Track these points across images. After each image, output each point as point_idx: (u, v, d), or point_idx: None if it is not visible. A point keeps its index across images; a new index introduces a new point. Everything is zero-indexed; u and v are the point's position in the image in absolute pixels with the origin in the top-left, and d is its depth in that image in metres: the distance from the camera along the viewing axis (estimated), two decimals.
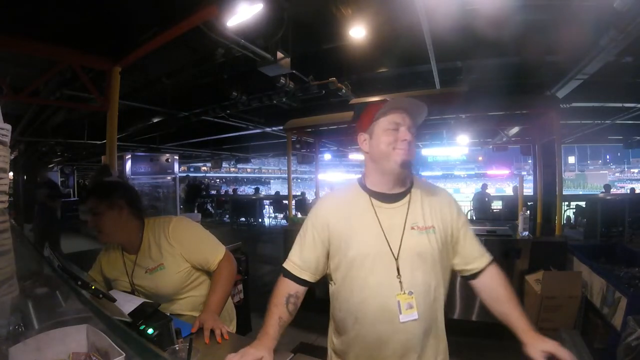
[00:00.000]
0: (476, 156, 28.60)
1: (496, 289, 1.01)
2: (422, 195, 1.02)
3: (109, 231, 1.24)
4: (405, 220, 0.97)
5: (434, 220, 0.99)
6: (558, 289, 2.20)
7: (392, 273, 0.93)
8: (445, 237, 1.00)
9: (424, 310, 0.94)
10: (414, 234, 0.96)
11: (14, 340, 0.64)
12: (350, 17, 2.62)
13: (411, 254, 0.95)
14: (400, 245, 0.95)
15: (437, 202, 1.03)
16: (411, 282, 0.94)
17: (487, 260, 1.03)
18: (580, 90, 3.58)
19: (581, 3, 2.37)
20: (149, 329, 0.91)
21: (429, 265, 0.96)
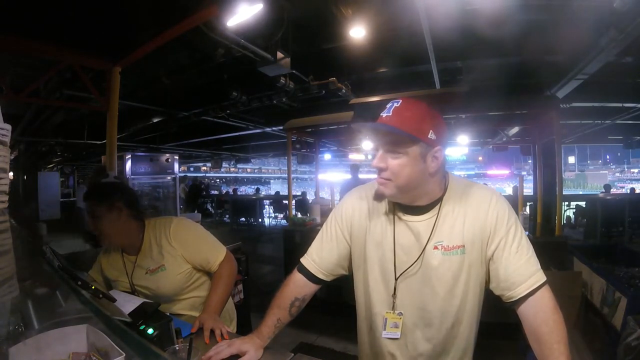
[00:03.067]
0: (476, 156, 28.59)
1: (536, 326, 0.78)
2: (455, 206, 0.85)
3: (109, 233, 1.23)
4: (428, 237, 0.84)
5: (465, 236, 0.83)
6: (558, 289, 2.18)
7: (390, 291, 0.88)
8: (479, 258, 0.84)
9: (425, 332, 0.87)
10: (435, 256, 0.84)
11: (14, 340, 0.64)
12: (350, 17, 2.62)
13: (421, 276, 0.85)
14: (412, 265, 0.85)
15: (473, 213, 0.84)
16: (405, 304, 0.87)
17: (529, 287, 0.79)
18: (580, 90, 3.58)
19: (581, 3, 2.37)
20: (149, 329, 0.91)
21: (447, 290, 0.84)
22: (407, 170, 0.80)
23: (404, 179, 0.81)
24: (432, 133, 0.79)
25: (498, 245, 0.82)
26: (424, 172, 0.82)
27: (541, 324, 0.78)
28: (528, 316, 0.80)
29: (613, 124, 5.61)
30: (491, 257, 0.83)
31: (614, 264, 2.32)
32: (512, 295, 0.80)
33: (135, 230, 1.29)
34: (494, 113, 3.58)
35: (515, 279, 0.80)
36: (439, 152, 0.82)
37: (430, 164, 0.81)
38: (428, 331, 0.88)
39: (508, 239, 0.82)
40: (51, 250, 1.13)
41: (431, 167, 0.82)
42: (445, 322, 0.86)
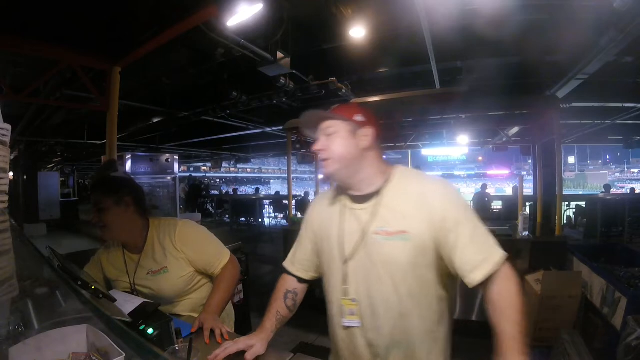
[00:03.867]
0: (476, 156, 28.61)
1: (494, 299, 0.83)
2: (399, 193, 0.89)
3: (113, 228, 1.21)
4: (368, 223, 0.88)
5: (410, 222, 0.85)
6: (558, 289, 2.20)
7: (341, 278, 0.91)
8: (426, 244, 0.85)
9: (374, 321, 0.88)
10: (377, 240, 0.86)
11: (14, 340, 0.64)
12: (350, 17, 2.62)
13: (367, 262, 0.88)
14: (356, 252, 0.89)
15: (420, 200, 0.86)
16: (358, 290, 0.89)
17: (486, 271, 0.82)
18: (580, 90, 3.58)
19: (581, 3, 2.37)
20: (149, 329, 0.91)
21: (396, 275, 0.85)
22: (341, 145, 0.90)
23: (338, 153, 0.90)
24: (360, 116, 0.92)
25: (450, 233, 0.83)
26: (356, 147, 0.91)
27: (497, 297, 0.82)
28: (487, 293, 0.84)
29: (613, 124, 5.62)
30: (445, 246, 0.84)
31: (614, 264, 2.31)
32: (472, 281, 0.83)
33: (139, 228, 1.28)
34: (494, 113, 3.58)
35: (471, 265, 0.83)
36: (369, 131, 0.92)
37: (361, 140, 0.91)
38: (377, 320, 0.88)
39: (459, 226, 0.84)
40: (51, 250, 1.13)
41: (362, 144, 0.91)
42: (391, 310, 0.87)
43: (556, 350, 2.04)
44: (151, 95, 4.59)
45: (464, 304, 2.76)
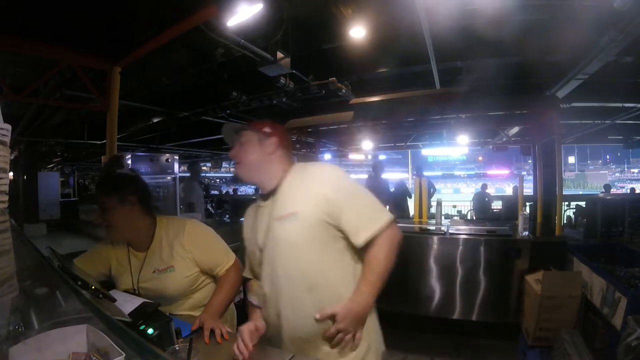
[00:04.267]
0: (476, 156, 28.61)
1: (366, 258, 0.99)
2: (292, 184, 1.03)
3: (118, 227, 1.20)
4: (271, 214, 1.02)
5: (299, 204, 0.97)
6: (558, 289, 2.20)
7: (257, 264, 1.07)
8: (317, 220, 0.95)
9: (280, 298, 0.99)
10: (277, 225, 0.99)
11: (14, 340, 0.64)
12: (350, 17, 2.62)
13: (272, 245, 1.00)
14: (266, 239, 1.02)
15: (308, 184, 1.00)
16: (268, 271, 1.02)
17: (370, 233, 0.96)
18: (580, 90, 3.58)
19: (581, 3, 2.37)
20: (149, 329, 0.91)
21: (298, 251, 0.96)
22: (250, 152, 1.07)
23: (247, 157, 1.06)
24: (268, 128, 1.08)
25: (334, 206, 0.96)
26: (263, 153, 1.06)
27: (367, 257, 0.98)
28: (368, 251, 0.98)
29: (613, 124, 5.60)
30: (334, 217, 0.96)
31: (614, 264, 2.31)
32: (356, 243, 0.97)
33: (145, 227, 1.26)
34: (494, 113, 3.59)
35: (354, 230, 0.97)
36: (274, 140, 1.07)
37: (267, 147, 1.07)
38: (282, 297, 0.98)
39: (342, 199, 0.97)
40: (51, 250, 1.13)
41: (268, 150, 1.06)
42: (296, 286, 0.97)
43: (556, 350, 2.05)
44: (151, 95, 4.58)
45: (464, 304, 2.76)
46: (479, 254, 2.74)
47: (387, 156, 15.00)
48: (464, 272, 2.76)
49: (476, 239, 2.79)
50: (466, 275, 2.76)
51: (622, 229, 3.06)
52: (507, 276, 2.70)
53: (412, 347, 2.67)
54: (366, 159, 10.60)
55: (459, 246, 2.79)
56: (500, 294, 2.71)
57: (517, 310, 2.64)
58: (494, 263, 2.71)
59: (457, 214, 10.05)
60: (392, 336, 1.01)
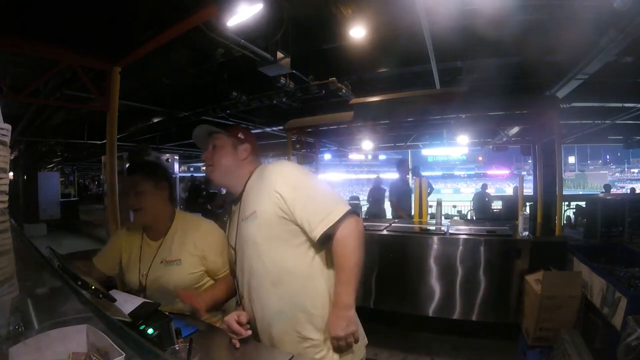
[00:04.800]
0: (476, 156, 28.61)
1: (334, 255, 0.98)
2: (253, 185, 1.08)
3: (147, 211, 1.25)
4: (238, 216, 1.07)
5: (258, 204, 1.01)
6: (558, 289, 2.20)
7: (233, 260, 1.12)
8: (275, 217, 0.98)
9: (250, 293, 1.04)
10: (242, 226, 1.04)
11: (14, 340, 0.64)
12: (350, 17, 2.62)
13: (240, 243, 1.06)
14: (236, 239, 1.08)
15: (265, 184, 1.02)
16: (239, 269, 1.08)
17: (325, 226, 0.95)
18: (580, 90, 3.58)
19: (581, 3, 2.37)
20: (149, 329, 0.91)
21: (260, 248, 1.00)
22: (224, 156, 1.10)
23: (221, 161, 1.10)
24: (241, 134, 1.14)
25: (288, 202, 0.97)
26: (236, 158, 1.11)
27: (335, 255, 0.98)
28: (333, 250, 0.98)
29: (613, 124, 5.61)
30: (289, 213, 0.98)
31: (614, 264, 2.31)
32: (314, 238, 0.97)
33: (166, 215, 1.30)
34: (494, 113, 3.58)
35: (311, 224, 0.96)
36: (247, 147, 1.13)
37: (241, 153, 1.12)
38: (252, 292, 1.04)
39: (296, 195, 0.98)
40: (51, 250, 1.13)
41: (241, 156, 1.12)
42: (262, 283, 1.01)
43: (556, 350, 2.05)
44: (151, 95, 4.58)
45: (464, 304, 2.76)
46: (479, 254, 2.74)
47: (387, 156, 15.00)
48: (464, 272, 2.76)
49: (476, 239, 2.79)
50: (466, 275, 2.75)
51: (622, 229, 3.06)
52: (507, 276, 2.70)
53: (412, 347, 2.67)
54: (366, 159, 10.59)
55: (459, 246, 2.79)
56: (500, 294, 2.71)
57: (517, 310, 2.64)
58: (494, 263, 2.71)
59: (457, 214, 10.05)
60: (392, 336, 1.01)
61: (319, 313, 0.99)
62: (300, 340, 0.99)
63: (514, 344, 2.54)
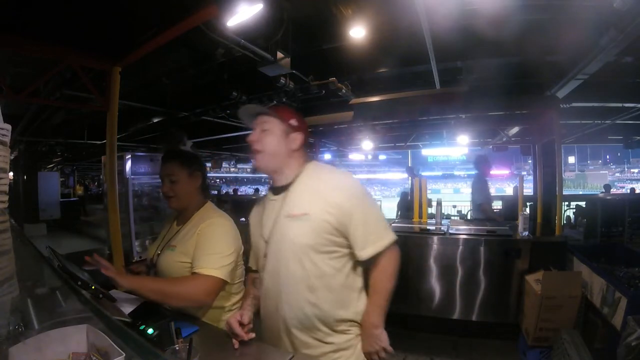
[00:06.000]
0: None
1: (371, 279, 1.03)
2: (307, 183, 1.03)
3: (181, 199, 1.29)
4: (279, 209, 1.03)
5: (312, 206, 0.98)
6: (558, 289, 2.20)
7: (262, 254, 1.06)
8: (326, 224, 0.97)
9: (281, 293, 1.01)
10: (286, 222, 1.00)
11: (14, 340, 0.64)
12: (350, 17, 2.62)
13: (278, 240, 1.01)
14: (271, 234, 1.03)
15: (322, 188, 1.00)
16: (272, 265, 1.03)
17: (376, 249, 0.99)
18: (580, 90, 3.57)
19: (581, 3, 2.37)
20: (149, 329, 0.91)
21: (303, 251, 0.97)
22: (274, 142, 1.03)
23: (270, 148, 1.03)
24: (294, 121, 1.06)
25: (345, 217, 0.97)
26: (286, 146, 1.04)
27: (372, 280, 1.03)
28: (371, 268, 1.03)
29: (613, 124, 5.60)
30: (343, 227, 0.98)
31: (614, 264, 2.32)
32: (360, 257, 1.00)
33: (197, 204, 1.33)
34: (494, 113, 3.59)
35: (362, 244, 0.99)
36: (299, 136, 1.06)
37: (292, 142, 1.05)
38: (282, 293, 1.00)
39: (354, 211, 0.98)
40: (51, 250, 1.13)
41: (292, 145, 1.05)
42: (297, 284, 0.98)
43: (556, 350, 2.05)
44: (151, 95, 4.58)
45: (464, 304, 2.76)
46: (479, 254, 2.74)
47: (387, 156, 14.99)
48: (464, 272, 2.76)
49: (476, 239, 2.79)
50: (466, 275, 2.76)
51: (622, 229, 3.06)
52: (507, 276, 2.70)
53: (412, 347, 2.67)
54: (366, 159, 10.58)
55: (459, 246, 2.79)
56: (500, 294, 2.71)
57: (517, 310, 2.64)
58: (494, 263, 2.71)
59: (457, 214, 10.05)
60: (392, 336, 1.01)
61: (346, 322, 1.03)
62: (323, 345, 1.01)
63: (514, 344, 2.55)
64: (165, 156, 1.32)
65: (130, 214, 5.08)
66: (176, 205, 1.32)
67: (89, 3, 2.37)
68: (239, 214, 9.51)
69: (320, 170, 1.07)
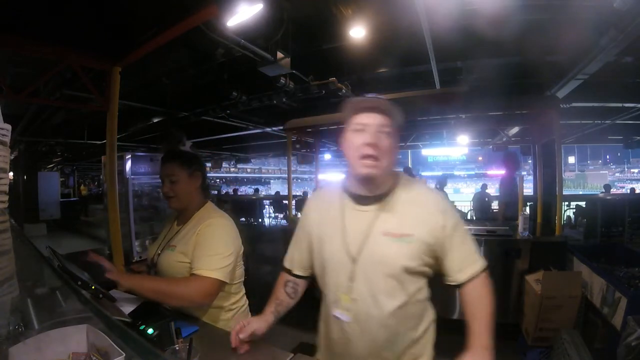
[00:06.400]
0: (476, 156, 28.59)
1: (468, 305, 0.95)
2: (405, 199, 0.93)
3: (181, 199, 1.29)
4: (373, 224, 0.92)
5: (416, 228, 0.90)
6: (558, 289, 2.20)
7: (347, 276, 0.92)
8: (427, 247, 0.91)
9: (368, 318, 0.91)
10: (384, 241, 0.90)
11: (14, 340, 0.64)
12: (350, 17, 2.62)
13: (371, 261, 0.90)
14: (362, 250, 0.91)
15: (422, 208, 0.93)
16: (359, 288, 0.91)
17: (468, 275, 0.94)
18: (580, 90, 3.58)
19: (581, 3, 2.37)
20: (149, 329, 0.91)
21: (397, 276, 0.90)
22: (393, 154, 0.91)
23: (389, 158, 0.90)
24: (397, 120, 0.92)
25: (445, 238, 0.92)
26: (396, 149, 0.92)
27: (472, 304, 0.94)
28: (465, 297, 0.95)
29: (613, 124, 5.61)
30: (440, 249, 0.92)
31: (614, 264, 2.32)
32: (455, 280, 0.94)
33: (197, 204, 1.33)
34: (494, 113, 3.58)
35: (458, 267, 0.93)
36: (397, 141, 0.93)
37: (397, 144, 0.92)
38: (381, 318, 0.91)
39: (454, 233, 0.92)
40: (51, 250, 1.13)
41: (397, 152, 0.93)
42: (397, 310, 0.91)
43: (556, 350, 2.05)
44: (151, 95, 4.58)
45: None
46: None
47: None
48: None
49: (476, 239, 2.78)
50: None
51: (622, 229, 3.07)
52: (507, 276, 2.70)
53: None
54: None
55: None
56: (500, 294, 2.70)
57: (517, 310, 2.64)
58: (494, 263, 2.71)
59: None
60: None
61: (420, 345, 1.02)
62: None
63: (514, 344, 2.54)
64: (165, 156, 1.32)
65: (130, 214, 5.08)
66: (176, 206, 1.32)
67: (89, 3, 2.37)
68: (239, 214, 9.57)
69: (415, 185, 0.97)
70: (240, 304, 1.34)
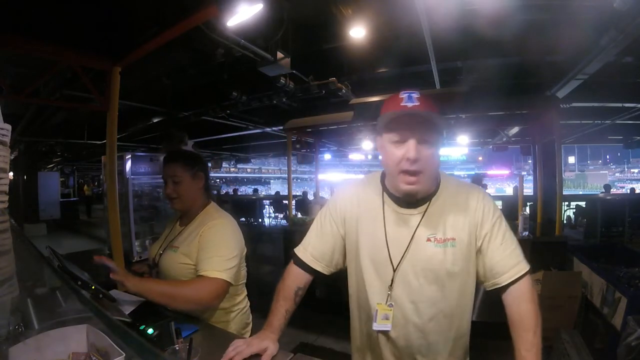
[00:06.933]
0: (476, 156, 28.58)
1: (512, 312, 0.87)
2: (447, 201, 0.89)
3: (184, 199, 1.27)
4: (415, 229, 0.87)
5: (456, 231, 0.86)
6: (558, 289, 2.20)
7: (386, 283, 0.88)
8: (469, 250, 0.87)
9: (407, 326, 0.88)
10: (428, 247, 0.86)
11: (14, 340, 0.64)
12: (350, 17, 2.62)
13: (416, 268, 0.86)
14: (404, 256, 0.87)
15: (463, 209, 0.88)
16: (398, 295, 0.87)
17: (511, 277, 0.86)
18: (580, 90, 3.58)
19: (581, 3, 2.37)
20: (149, 329, 0.91)
21: (440, 282, 0.86)
22: (436, 162, 0.85)
23: (433, 170, 0.85)
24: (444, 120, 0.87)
25: (484, 238, 0.87)
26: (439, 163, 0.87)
27: (516, 311, 0.86)
28: (507, 302, 0.88)
29: (613, 124, 5.61)
30: (479, 250, 0.88)
31: (614, 264, 2.32)
32: (496, 283, 0.87)
33: (200, 205, 1.32)
34: (494, 113, 3.58)
35: (499, 269, 0.86)
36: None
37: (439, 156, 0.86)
38: (421, 324, 0.88)
39: (493, 232, 0.87)
40: (51, 250, 1.13)
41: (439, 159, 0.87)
42: (438, 315, 0.88)
43: (556, 350, 2.04)
44: (151, 95, 4.58)
45: None
46: None
47: None
48: None
49: None
50: None
51: (622, 229, 3.07)
52: None
53: None
54: (366, 159, 10.57)
55: None
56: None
57: None
58: None
59: None
60: None
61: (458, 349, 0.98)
62: None
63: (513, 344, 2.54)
64: (167, 157, 1.30)
65: (130, 214, 5.09)
66: (180, 207, 1.31)
67: (89, 3, 2.37)
68: (239, 214, 9.58)
69: (454, 184, 0.93)
70: (242, 305, 1.33)
